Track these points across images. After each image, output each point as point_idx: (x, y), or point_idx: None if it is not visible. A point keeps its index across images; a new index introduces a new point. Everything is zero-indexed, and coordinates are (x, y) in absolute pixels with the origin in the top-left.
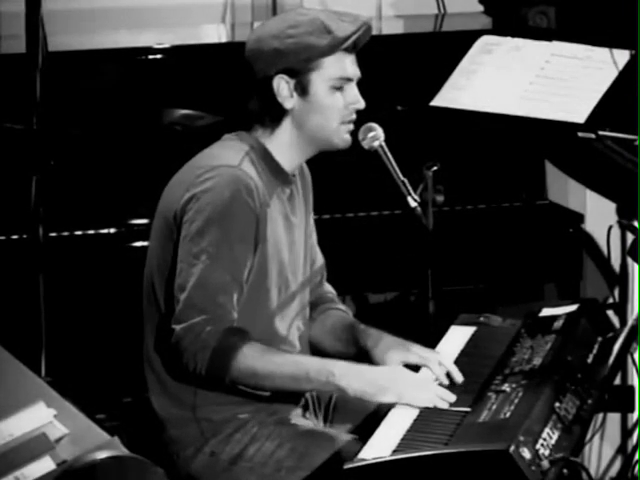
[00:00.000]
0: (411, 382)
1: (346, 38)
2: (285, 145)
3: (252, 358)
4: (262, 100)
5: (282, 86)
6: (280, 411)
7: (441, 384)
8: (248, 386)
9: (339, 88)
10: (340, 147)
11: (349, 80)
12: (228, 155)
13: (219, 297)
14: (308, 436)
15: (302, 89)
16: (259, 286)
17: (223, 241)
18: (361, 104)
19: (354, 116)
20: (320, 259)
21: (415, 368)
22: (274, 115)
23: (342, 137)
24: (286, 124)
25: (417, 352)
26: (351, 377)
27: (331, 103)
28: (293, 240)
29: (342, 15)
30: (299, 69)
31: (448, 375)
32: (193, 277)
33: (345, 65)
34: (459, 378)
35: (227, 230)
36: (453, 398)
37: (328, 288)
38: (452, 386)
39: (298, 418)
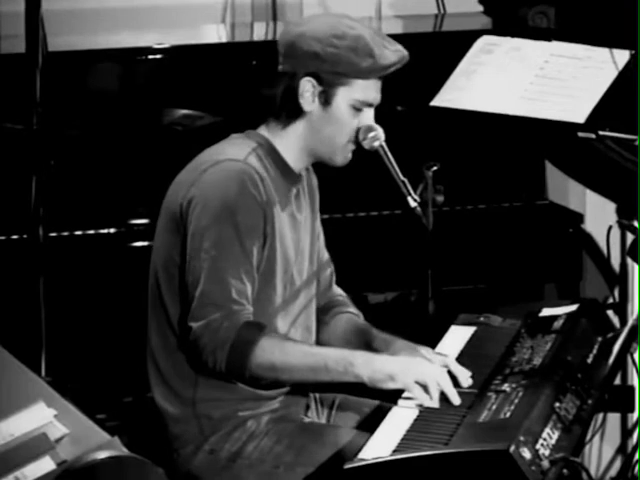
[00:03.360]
0: (421, 374)
1: (385, 67)
2: (292, 144)
3: (270, 352)
4: (283, 93)
5: (307, 88)
6: (281, 409)
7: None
8: (268, 380)
9: (358, 110)
10: (338, 164)
11: (370, 105)
12: (234, 150)
13: (233, 292)
14: (307, 431)
15: (325, 99)
16: (267, 282)
17: (232, 234)
18: None
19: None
20: (329, 262)
21: None
22: (290, 111)
23: (345, 155)
24: (299, 125)
25: (425, 355)
26: (368, 366)
27: (347, 121)
28: (299, 238)
29: (385, 41)
30: (329, 79)
31: (453, 378)
32: (205, 273)
33: (372, 91)
34: (464, 382)
35: (235, 223)
36: (457, 401)
37: (338, 291)
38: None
39: (298, 416)
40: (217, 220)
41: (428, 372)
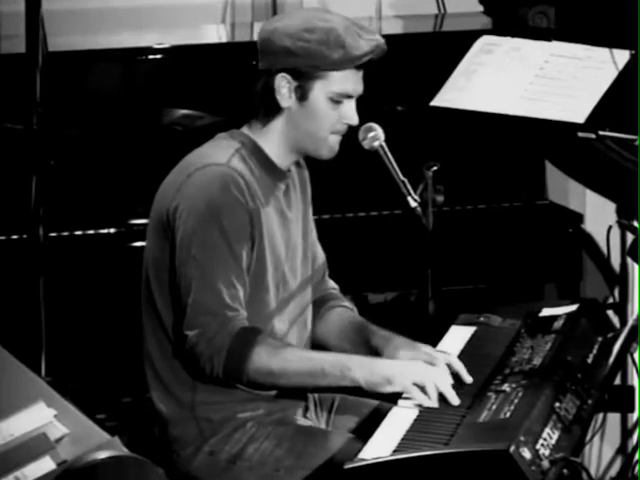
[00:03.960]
0: (419, 375)
1: (358, 57)
2: (276, 142)
3: (266, 358)
4: (261, 90)
5: (283, 85)
6: (280, 411)
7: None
8: (266, 385)
9: (337, 102)
10: (324, 157)
11: (349, 97)
12: (217, 153)
13: (226, 297)
14: (307, 435)
15: (302, 94)
16: (258, 284)
17: (220, 239)
18: (354, 121)
19: (345, 130)
20: (321, 255)
21: None
22: (269, 109)
23: (330, 146)
24: (279, 121)
25: (427, 352)
26: (365, 369)
27: (326, 114)
28: (289, 236)
29: (361, 30)
30: (303, 74)
31: (455, 376)
32: (196, 280)
33: (350, 82)
34: (468, 379)
35: (222, 227)
36: (457, 401)
37: (331, 284)
38: (456, 386)
39: (298, 419)
40: (203, 225)
41: (426, 373)
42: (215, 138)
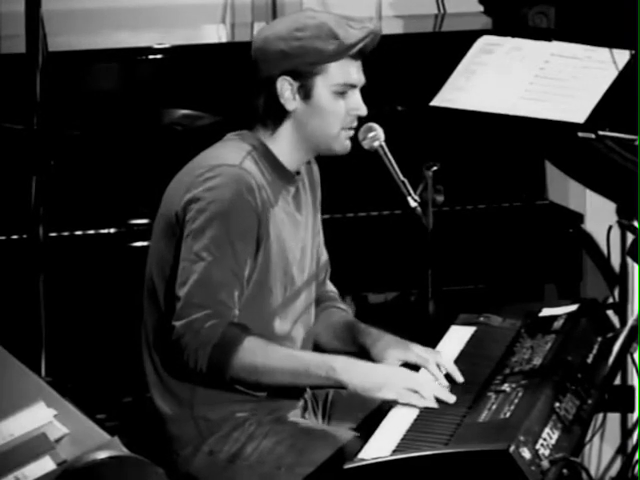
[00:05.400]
0: (409, 381)
1: (353, 45)
2: (286, 145)
3: (252, 354)
4: (265, 99)
5: (285, 87)
6: (278, 410)
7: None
8: (249, 382)
9: (342, 94)
10: (339, 153)
11: (353, 87)
12: (229, 155)
13: (220, 294)
14: (307, 433)
15: (305, 92)
16: (262, 284)
17: (224, 239)
18: (363, 111)
19: (355, 123)
20: (325, 257)
21: (417, 368)
22: (276, 115)
23: (342, 143)
24: (287, 125)
25: (416, 352)
26: (351, 372)
27: (333, 109)
28: (299, 237)
29: (350, 20)
30: (303, 72)
31: (448, 375)
32: (194, 274)
33: (350, 71)
34: (459, 378)
35: (228, 228)
36: (452, 399)
37: (330, 287)
38: (453, 386)
39: (297, 417)
40: (210, 224)
41: (415, 380)
42: (225, 139)
